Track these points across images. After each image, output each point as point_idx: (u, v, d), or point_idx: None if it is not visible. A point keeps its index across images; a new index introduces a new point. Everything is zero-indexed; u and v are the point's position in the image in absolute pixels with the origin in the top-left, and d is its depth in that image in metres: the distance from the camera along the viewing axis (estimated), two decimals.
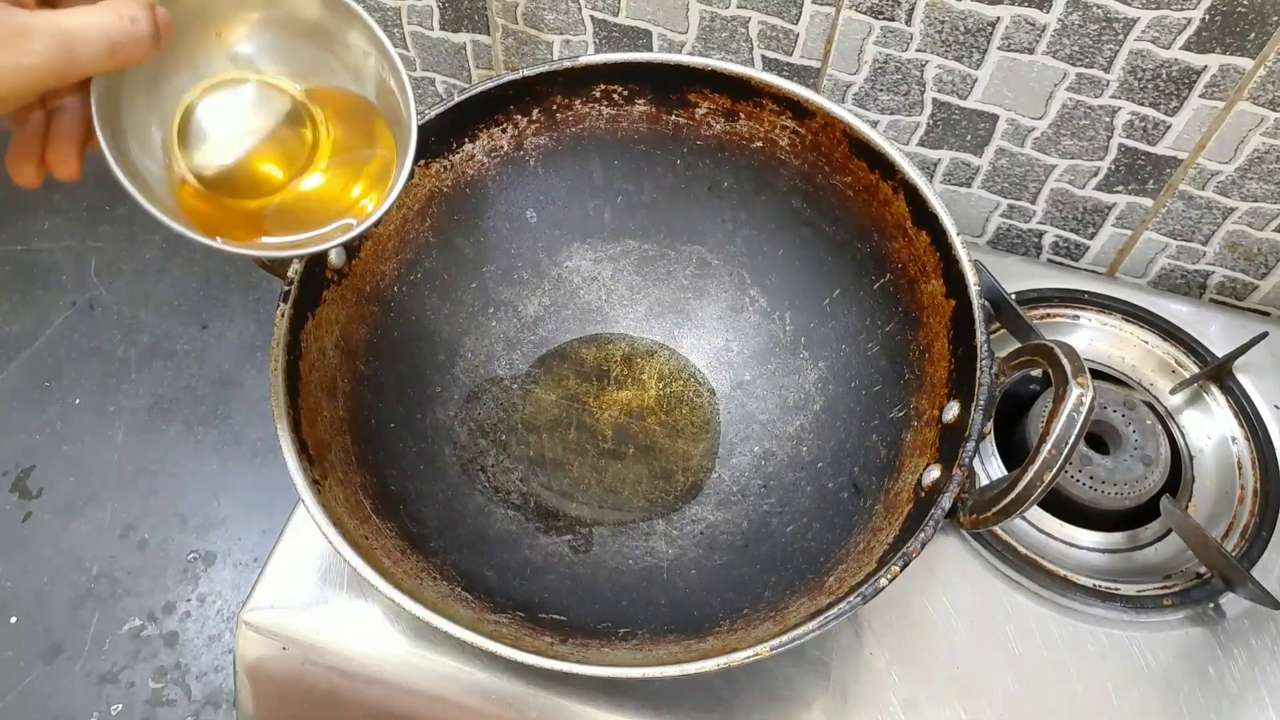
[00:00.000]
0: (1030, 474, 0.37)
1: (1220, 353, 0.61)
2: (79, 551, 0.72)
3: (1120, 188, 0.64)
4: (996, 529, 0.56)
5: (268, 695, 0.54)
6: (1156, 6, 0.53)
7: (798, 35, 0.61)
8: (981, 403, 0.43)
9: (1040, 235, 0.70)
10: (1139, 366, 0.63)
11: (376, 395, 0.53)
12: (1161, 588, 0.54)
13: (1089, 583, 0.54)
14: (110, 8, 0.32)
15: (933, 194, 0.48)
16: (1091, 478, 0.56)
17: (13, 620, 0.69)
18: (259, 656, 0.53)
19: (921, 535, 0.41)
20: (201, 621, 0.69)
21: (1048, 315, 0.65)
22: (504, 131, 0.56)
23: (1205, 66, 0.55)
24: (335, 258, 0.50)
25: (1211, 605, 0.53)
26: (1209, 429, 0.60)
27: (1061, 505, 0.57)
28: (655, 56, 0.54)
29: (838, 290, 0.56)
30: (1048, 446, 0.36)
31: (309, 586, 0.53)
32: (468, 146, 0.56)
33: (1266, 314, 0.68)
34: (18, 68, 0.30)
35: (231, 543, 0.72)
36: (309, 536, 0.55)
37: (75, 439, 0.77)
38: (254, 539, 0.72)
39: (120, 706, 0.66)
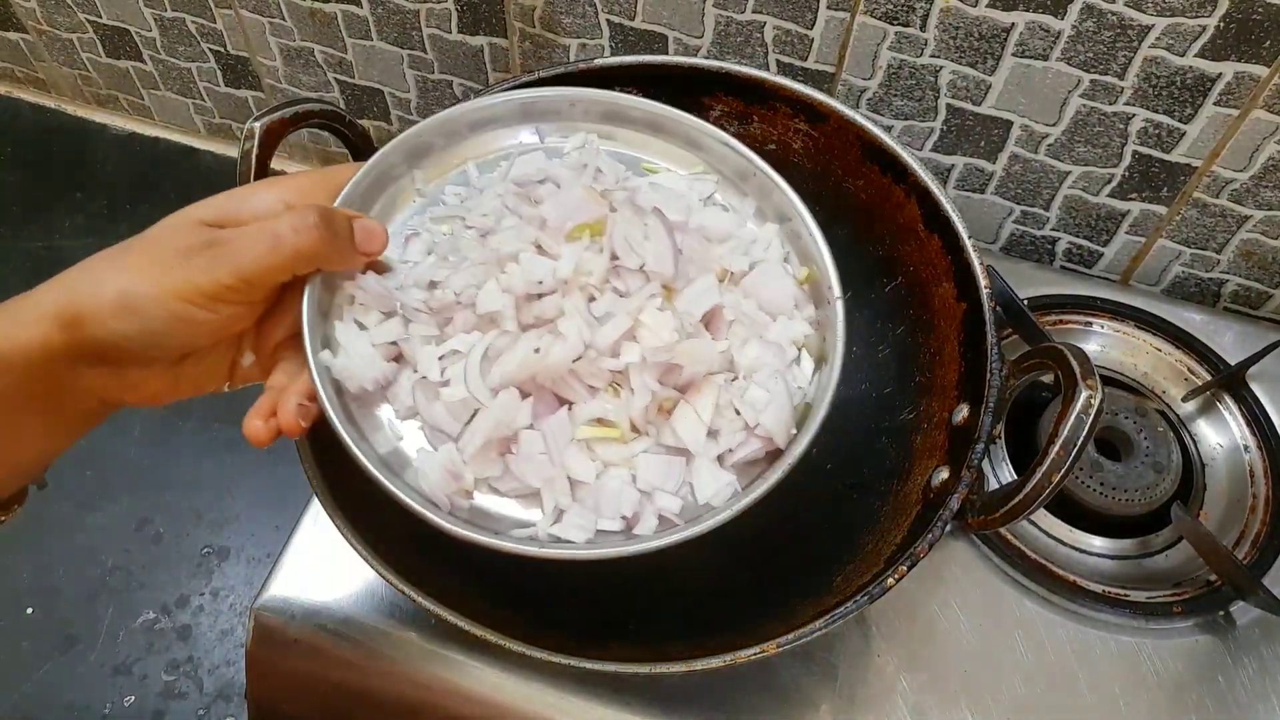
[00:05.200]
0: (1038, 475, 0.37)
1: (1234, 361, 0.61)
2: (94, 545, 0.72)
3: (1134, 195, 0.64)
4: (1006, 534, 0.56)
5: (279, 689, 0.55)
6: (1171, 14, 0.53)
7: (813, 40, 0.62)
8: (991, 405, 0.43)
9: (1054, 242, 0.70)
10: (1151, 374, 0.63)
11: None
12: (1171, 595, 0.54)
13: (1098, 589, 0.54)
14: (287, 215, 0.35)
15: (945, 197, 0.48)
16: (1102, 484, 0.56)
17: (29, 611, 0.70)
18: (270, 650, 0.53)
19: (929, 536, 0.41)
20: (214, 616, 0.70)
21: (1060, 321, 0.65)
22: None
23: (1220, 74, 0.55)
24: None
25: (1221, 613, 0.53)
26: (1221, 437, 0.60)
27: (1072, 511, 0.57)
28: (669, 59, 0.54)
29: (849, 293, 0.56)
30: (1056, 448, 0.36)
31: (321, 581, 0.54)
32: None
33: None
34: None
35: (245, 538, 0.73)
36: (321, 532, 0.55)
37: (92, 434, 0.78)
38: (267, 535, 0.73)
39: (133, 698, 0.67)
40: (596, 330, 0.37)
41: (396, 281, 0.39)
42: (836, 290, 0.41)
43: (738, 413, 0.38)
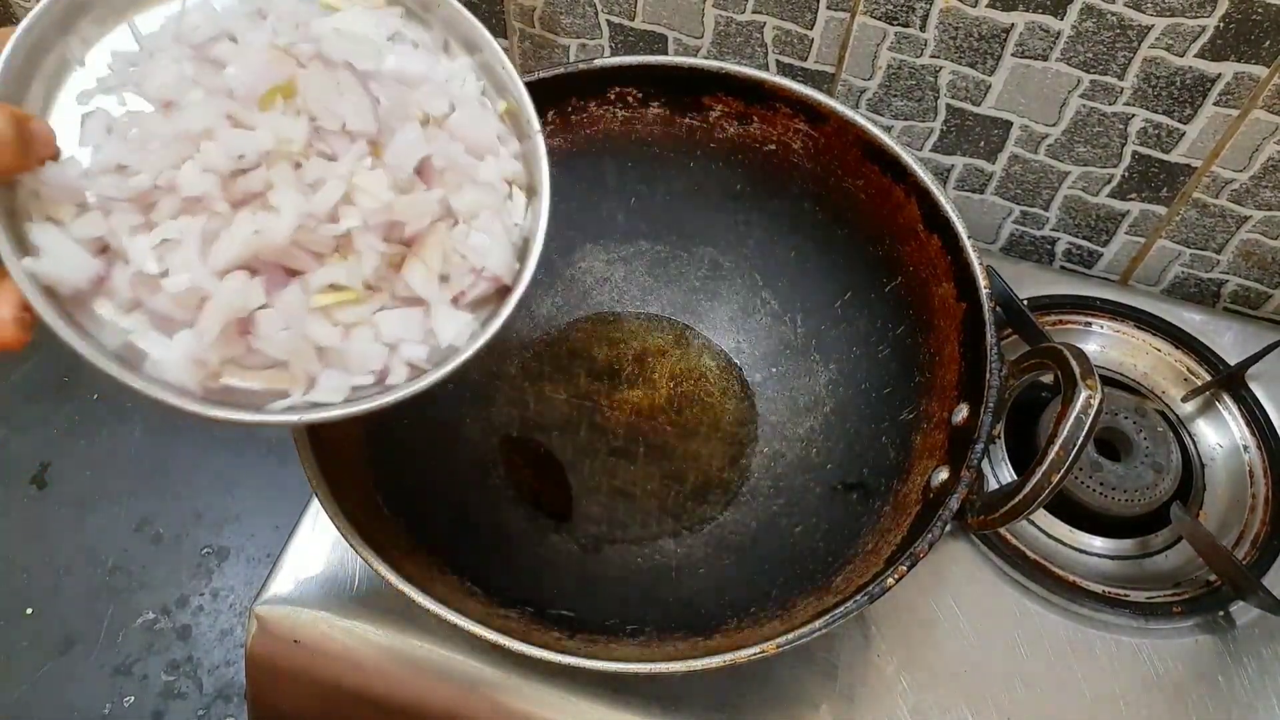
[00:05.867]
0: (1038, 475, 0.37)
1: (1234, 361, 0.61)
2: (95, 545, 0.73)
3: (1134, 195, 0.64)
4: (1006, 534, 0.56)
5: (278, 689, 0.55)
6: (1171, 14, 0.53)
7: (813, 40, 0.62)
8: (990, 405, 0.43)
9: (1053, 242, 0.70)
10: (1151, 374, 0.63)
11: None
12: (1171, 595, 0.54)
13: (1098, 589, 0.54)
14: None
15: (944, 197, 0.48)
16: (1102, 484, 0.56)
17: (29, 611, 0.70)
18: (270, 650, 0.53)
19: (929, 536, 0.41)
20: (214, 616, 0.70)
21: (1060, 322, 0.65)
22: None
23: (1219, 74, 0.55)
24: None
25: (1221, 613, 0.53)
26: (1221, 437, 0.60)
27: (1071, 511, 0.57)
28: (670, 60, 0.54)
29: (849, 293, 0.56)
30: (1055, 448, 0.36)
31: (321, 581, 0.54)
32: None
33: None
34: None
35: (245, 538, 0.73)
36: (321, 532, 0.55)
37: (93, 434, 0.78)
38: (267, 535, 0.73)
39: (133, 699, 0.67)
40: (311, 199, 0.36)
41: (80, 169, 0.36)
42: (535, 124, 0.41)
43: (464, 257, 0.38)
